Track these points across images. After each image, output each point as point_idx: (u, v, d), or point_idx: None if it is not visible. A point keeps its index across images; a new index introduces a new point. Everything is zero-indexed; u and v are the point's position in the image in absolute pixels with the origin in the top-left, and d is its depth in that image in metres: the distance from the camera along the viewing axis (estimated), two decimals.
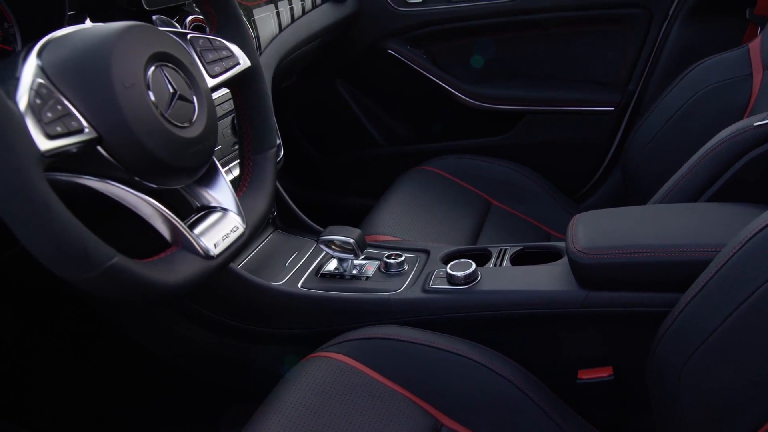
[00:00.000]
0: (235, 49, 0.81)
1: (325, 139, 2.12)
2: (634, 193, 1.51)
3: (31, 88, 0.55)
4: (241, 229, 0.75)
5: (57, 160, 0.56)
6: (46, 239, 0.52)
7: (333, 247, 1.11)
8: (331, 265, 1.16)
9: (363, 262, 1.15)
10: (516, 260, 1.12)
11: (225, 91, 1.05)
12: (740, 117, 1.26)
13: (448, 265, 1.04)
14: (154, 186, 0.66)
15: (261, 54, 1.33)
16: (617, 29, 1.76)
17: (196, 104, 0.69)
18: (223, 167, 0.78)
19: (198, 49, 0.76)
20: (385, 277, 1.11)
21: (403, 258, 1.13)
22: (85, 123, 0.58)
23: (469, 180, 1.60)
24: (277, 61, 1.40)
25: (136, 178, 0.64)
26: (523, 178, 1.64)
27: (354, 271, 1.13)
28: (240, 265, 1.15)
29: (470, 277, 1.02)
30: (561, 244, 1.11)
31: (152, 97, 0.63)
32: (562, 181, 1.75)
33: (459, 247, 1.20)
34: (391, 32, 1.88)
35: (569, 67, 1.84)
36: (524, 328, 1.00)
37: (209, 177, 0.76)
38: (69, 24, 0.81)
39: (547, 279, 1.00)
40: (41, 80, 0.57)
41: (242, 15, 0.83)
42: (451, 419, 0.87)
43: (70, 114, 0.57)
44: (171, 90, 0.66)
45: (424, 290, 1.04)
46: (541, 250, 1.14)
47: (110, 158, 0.61)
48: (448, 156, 1.69)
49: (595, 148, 1.83)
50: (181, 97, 0.67)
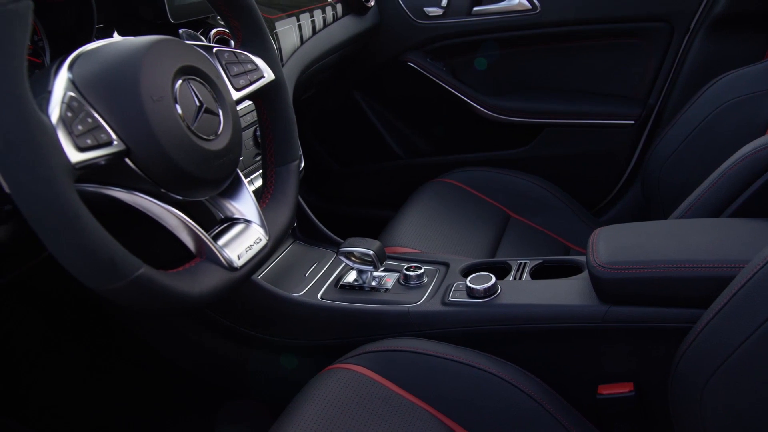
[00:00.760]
0: (259, 62, 0.82)
1: (344, 150, 2.13)
2: (654, 206, 1.50)
3: (63, 101, 0.57)
4: (264, 241, 0.75)
5: (86, 171, 0.56)
6: (76, 250, 0.53)
7: (353, 258, 1.11)
8: (351, 277, 1.16)
9: (382, 274, 1.15)
10: (536, 274, 1.12)
11: (247, 102, 1.06)
12: (763, 132, 1.25)
13: (468, 278, 1.04)
14: (180, 197, 0.67)
15: (283, 66, 1.34)
16: (638, 43, 1.75)
17: (221, 117, 0.70)
18: (245, 178, 0.79)
19: (223, 63, 0.77)
20: (405, 290, 1.11)
21: (422, 270, 1.13)
22: (114, 135, 0.59)
23: (488, 192, 1.60)
24: (298, 73, 1.41)
25: (162, 190, 0.65)
26: (542, 190, 1.64)
27: (373, 283, 1.13)
28: (260, 275, 1.15)
29: (490, 291, 1.02)
30: (581, 258, 1.10)
31: (179, 110, 0.64)
32: (581, 194, 1.74)
33: (478, 260, 1.20)
34: (411, 45, 1.89)
35: (589, 80, 1.84)
36: (544, 342, 1.00)
37: (233, 189, 0.77)
38: (97, 37, 0.83)
39: (567, 293, 1.00)
40: (72, 93, 0.58)
41: (267, 29, 0.84)
42: None
43: (99, 127, 0.58)
44: (197, 103, 0.67)
45: (444, 303, 1.04)
46: (561, 264, 1.14)
47: (138, 170, 0.62)
48: (467, 168, 1.69)
49: (615, 161, 1.83)
50: (207, 110, 0.68)
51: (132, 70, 0.61)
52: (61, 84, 0.58)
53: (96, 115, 0.59)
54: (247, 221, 0.76)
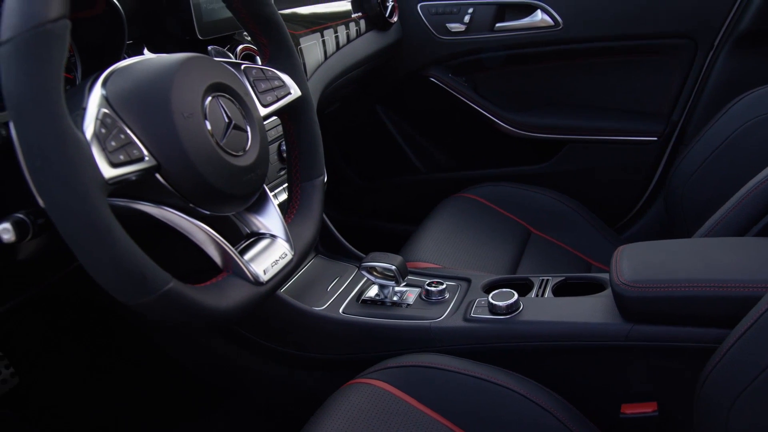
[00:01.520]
0: (286, 79, 0.83)
1: (366, 164, 2.14)
2: (678, 223, 1.48)
3: (97, 118, 0.58)
4: (289, 256, 0.76)
5: (118, 187, 0.58)
6: (107, 264, 0.54)
7: (374, 273, 1.11)
8: (372, 292, 1.16)
9: (404, 289, 1.15)
10: (558, 291, 1.11)
11: (272, 117, 1.07)
12: None
13: (490, 295, 1.04)
14: (207, 212, 0.68)
15: (307, 81, 1.36)
16: (661, 59, 1.75)
17: (249, 133, 0.71)
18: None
19: (251, 79, 0.78)
20: (426, 305, 1.11)
21: (444, 286, 1.13)
22: (145, 151, 0.60)
23: (509, 208, 1.60)
24: (322, 88, 1.42)
25: (191, 205, 0.66)
26: (564, 207, 1.63)
27: (395, 298, 1.13)
28: (282, 289, 1.16)
29: (512, 307, 1.02)
30: (604, 276, 1.10)
31: (209, 127, 0.65)
32: (603, 210, 1.73)
33: (500, 276, 1.20)
34: (434, 60, 1.90)
35: (612, 97, 1.83)
36: (566, 360, 0.99)
37: (259, 204, 0.78)
38: (128, 53, 0.84)
39: (590, 311, 0.99)
40: (106, 110, 0.59)
41: (294, 46, 0.85)
42: None
43: (132, 143, 0.59)
44: (226, 120, 0.68)
45: (466, 319, 1.04)
46: (583, 281, 1.13)
47: (167, 185, 0.63)
48: (488, 183, 1.69)
49: (638, 177, 1.82)
50: (236, 127, 0.69)
51: (163, 87, 0.62)
52: (95, 101, 0.60)
53: (128, 131, 0.60)
54: (273, 236, 0.76)
